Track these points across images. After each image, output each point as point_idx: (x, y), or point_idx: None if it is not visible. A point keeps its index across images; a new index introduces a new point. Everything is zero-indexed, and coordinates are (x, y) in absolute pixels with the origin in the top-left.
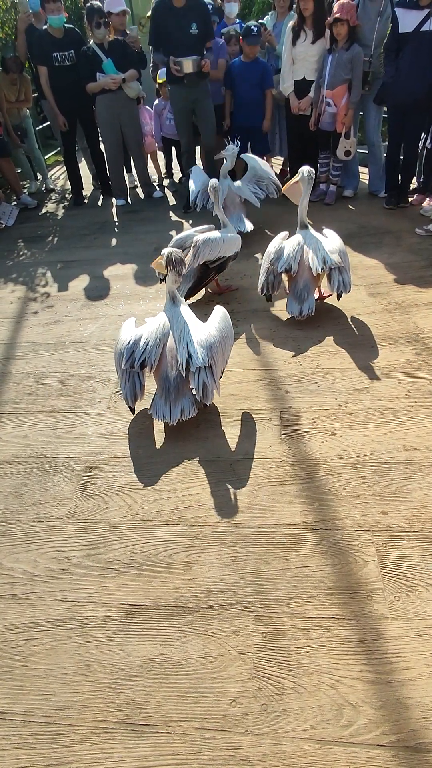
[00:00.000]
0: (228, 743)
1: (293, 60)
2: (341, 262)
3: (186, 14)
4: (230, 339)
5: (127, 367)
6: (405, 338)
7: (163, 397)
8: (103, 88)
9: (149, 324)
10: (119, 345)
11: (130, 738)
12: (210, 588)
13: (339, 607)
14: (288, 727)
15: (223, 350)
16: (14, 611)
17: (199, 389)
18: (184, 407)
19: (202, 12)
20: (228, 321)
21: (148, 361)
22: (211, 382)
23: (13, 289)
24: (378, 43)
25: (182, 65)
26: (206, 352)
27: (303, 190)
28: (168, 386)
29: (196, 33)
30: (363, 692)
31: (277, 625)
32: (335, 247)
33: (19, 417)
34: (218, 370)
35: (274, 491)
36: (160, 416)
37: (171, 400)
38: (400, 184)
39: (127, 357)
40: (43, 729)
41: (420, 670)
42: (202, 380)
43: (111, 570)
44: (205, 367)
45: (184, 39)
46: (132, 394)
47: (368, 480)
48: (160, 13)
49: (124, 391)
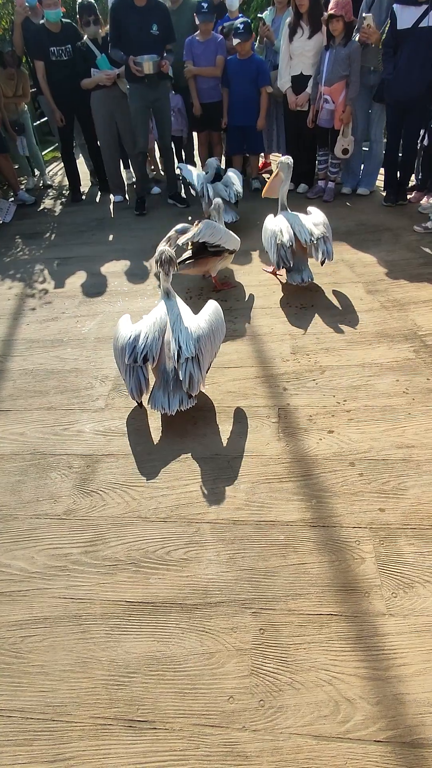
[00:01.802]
0: (225, 739)
1: (290, 55)
2: (325, 233)
3: (147, 14)
4: (220, 332)
5: (130, 362)
6: (403, 336)
7: (161, 389)
8: (97, 84)
9: (147, 319)
10: (120, 341)
11: (128, 734)
12: (207, 585)
13: (336, 603)
14: (285, 723)
15: (212, 343)
16: (12, 608)
17: (186, 380)
18: (182, 398)
19: (163, 14)
20: (219, 314)
21: (150, 355)
22: (197, 374)
23: (10, 285)
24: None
25: (143, 65)
26: (194, 343)
27: (283, 177)
28: (166, 378)
29: (157, 34)
30: (360, 688)
31: (275, 622)
32: (319, 220)
33: (16, 414)
34: (206, 361)
35: (271, 488)
36: (158, 407)
37: (169, 391)
38: (399, 181)
39: (129, 352)
40: (41, 726)
41: (417, 667)
42: (189, 371)
43: (109, 567)
44: (192, 358)
45: (145, 39)
46: (137, 388)
47: (366, 477)
48: (121, 11)
49: (129, 386)
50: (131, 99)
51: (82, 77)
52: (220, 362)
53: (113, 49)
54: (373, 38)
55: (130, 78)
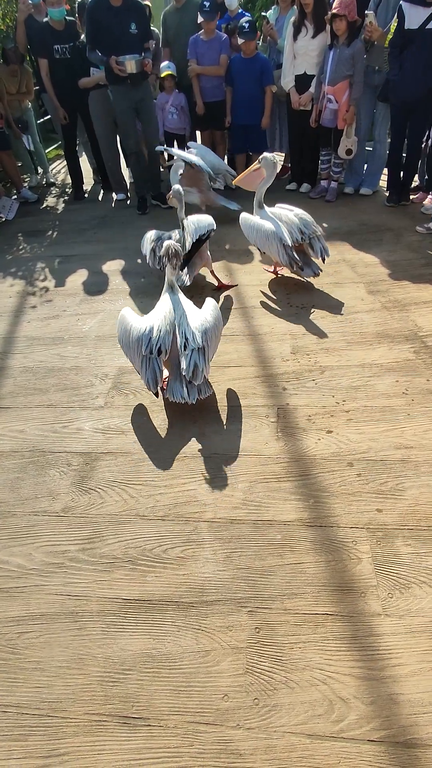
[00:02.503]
0: (219, 737)
1: (294, 55)
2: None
3: (124, 13)
4: (221, 327)
5: (147, 353)
6: (403, 336)
7: (178, 380)
8: (97, 83)
9: (156, 313)
10: (135, 332)
11: (123, 731)
12: (204, 583)
13: (332, 603)
14: (279, 722)
15: (216, 336)
16: (9, 604)
17: (190, 369)
18: (201, 387)
19: (140, 12)
20: (218, 311)
21: (164, 348)
22: (202, 364)
23: (12, 283)
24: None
25: (125, 65)
26: (201, 335)
27: (266, 174)
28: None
29: (136, 32)
30: (354, 688)
31: (271, 621)
32: (303, 217)
33: (16, 411)
34: (210, 353)
35: (269, 488)
36: (177, 397)
37: (183, 381)
38: (402, 182)
39: (146, 344)
40: (36, 721)
41: (411, 667)
42: (194, 361)
43: (106, 564)
44: (199, 349)
45: (124, 38)
46: (153, 379)
47: (364, 477)
48: (98, 12)
49: (145, 377)
50: (115, 101)
51: (81, 76)
52: (220, 361)
53: (91, 52)
54: (376, 36)
55: (112, 80)
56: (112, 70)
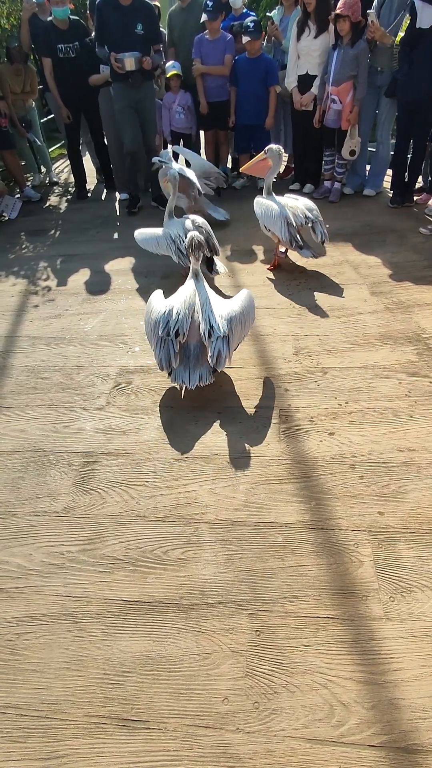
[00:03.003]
0: (219, 741)
1: (298, 55)
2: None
3: (131, 13)
4: (251, 318)
5: (163, 335)
6: (406, 338)
7: (182, 364)
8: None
9: (178, 296)
10: (154, 314)
11: (122, 733)
12: (205, 585)
13: (333, 606)
14: (279, 726)
15: (242, 326)
16: (9, 605)
17: (214, 356)
18: (202, 374)
19: (148, 14)
20: (251, 302)
21: (181, 330)
22: (225, 351)
23: (14, 282)
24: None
25: (124, 62)
26: (227, 324)
27: (272, 165)
28: (188, 354)
29: (141, 33)
30: (355, 692)
31: (271, 624)
32: (309, 204)
33: (17, 411)
34: (234, 341)
35: (271, 489)
36: (179, 381)
37: (190, 367)
38: (406, 183)
39: (163, 325)
40: (35, 723)
41: (413, 672)
42: (218, 348)
43: (106, 566)
44: (223, 337)
45: (129, 38)
46: (167, 359)
47: (366, 480)
48: (106, 9)
49: (158, 357)
50: (115, 99)
51: (90, 73)
52: None
53: (99, 48)
54: (378, 36)
55: (114, 77)
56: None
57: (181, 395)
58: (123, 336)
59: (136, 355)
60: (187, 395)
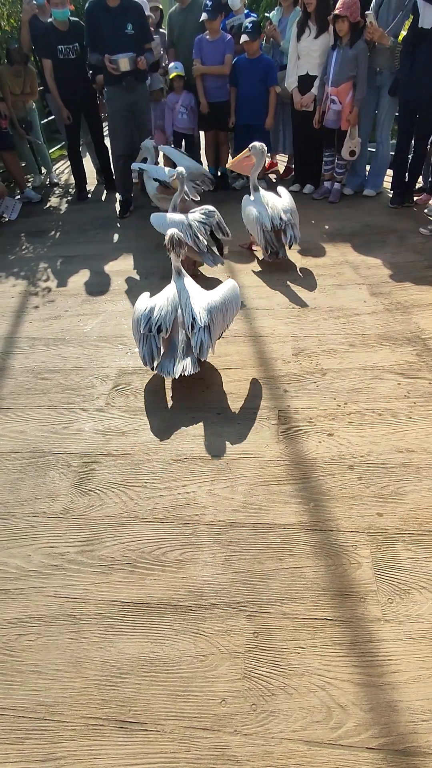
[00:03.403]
0: (216, 743)
1: (298, 55)
2: (292, 219)
3: (121, 14)
4: (233, 306)
5: (145, 332)
6: (406, 339)
7: (168, 357)
8: None
9: (161, 295)
10: (137, 313)
11: (119, 735)
12: (203, 587)
13: (332, 608)
14: (277, 728)
15: (223, 315)
16: (7, 606)
17: (197, 346)
18: (185, 365)
19: (138, 13)
20: (235, 291)
21: (164, 326)
22: (207, 341)
23: (14, 283)
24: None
25: (118, 63)
26: (207, 314)
27: (256, 162)
28: (174, 348)
29: (132, 33)
30: (353, 694)
31: (269, 626)
32: (287, 206)
33: (16, 412)
34: (216, 331)
35: (269, 491)
36: (164, 372)
37: (175, 358)
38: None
39: (144, 323)
40: (33, 724)
41: (411, 674)
42: (200, 338)
43: (104, 567)
44: (204, 327)
45: (120, 39)
46: (149, 355)
47: (365, 481)
48: (95, 12)
49: (142, 353)
50: (108, 102)
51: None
52: (221, 363)
53: (91, 53)
54: (376, 36)
55: (108, 80)
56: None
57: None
58: (122, 337)
59: (135, 357)
60: (186, 396)
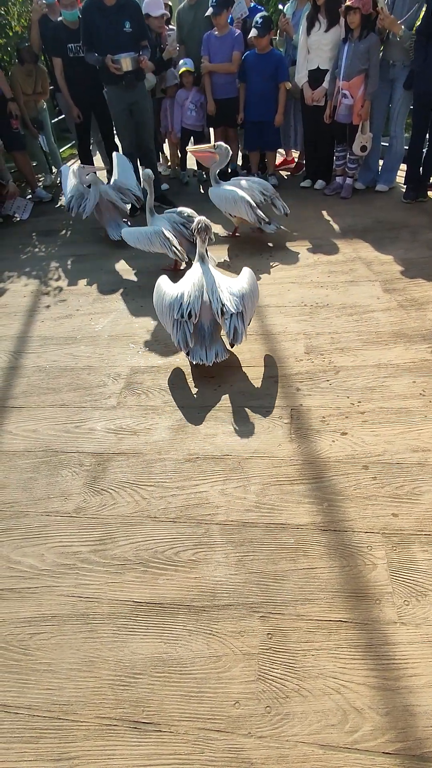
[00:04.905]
0: (230, 745)
1: (308, 49)
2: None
3: (118, 12)
4: (257, 293)
5: (178, 317)
6: (421, 336)
7: (199, 343)
8: None
9: (187, 280)
10: (167, 299)
11: (133, 736)
12: (216, 587)
13: (346, 610)
14: (292, 731)
15: (252, 301)
16: (21, 605)
17: (230, 332)
18: (218, 351)
19: (134, 10)
20: (255, 279)
21: (193, 312)
22: (241, 327)
23: (26, 282)
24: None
25: (121, 63)
26: (239, 300)
27: (218, 160)
28: (203, 334)
29: (130, 31)
30: (369, 698)
31: (283, 627)
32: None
33: (29, 411)
34: (247, 317)
35: (282, 490)
36: (197, 359)
37: (207, 345)
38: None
39: (177, 308)
40: (47, 723)
41: (428, 678)
42: (234, 325)
43: (117, 566)
44: (238, 314)
45: (118, 38)
46: (183, 340)
47: (379, 481)
48: (91, 12)
49: (176, 338)
50: (110, 103)
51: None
52: (232, 361)
53: (88, 54)
54: (388, 23)
55: (107, 81)
56: (107, 71)
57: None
58: (134, 336)
59: (147, 355)
60: (198, 395)
